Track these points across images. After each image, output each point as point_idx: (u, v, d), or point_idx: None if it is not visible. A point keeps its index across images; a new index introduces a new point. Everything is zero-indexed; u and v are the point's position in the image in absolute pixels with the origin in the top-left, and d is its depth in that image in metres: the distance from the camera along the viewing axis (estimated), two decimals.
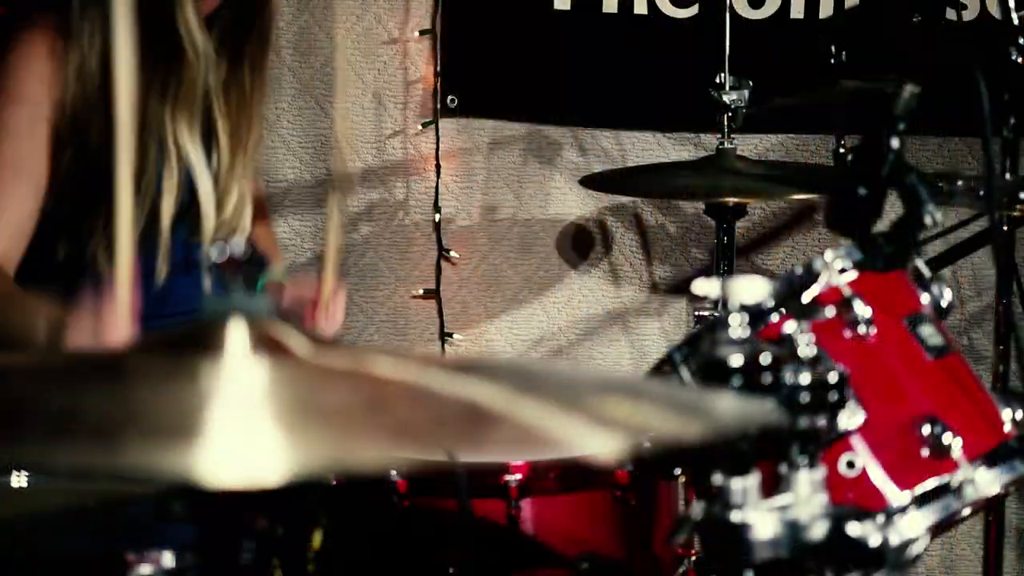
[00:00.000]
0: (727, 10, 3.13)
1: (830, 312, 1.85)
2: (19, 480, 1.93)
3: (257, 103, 2.66)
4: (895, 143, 1.90)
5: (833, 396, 1.69)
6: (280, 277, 2.83)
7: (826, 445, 1.74)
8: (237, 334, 1.36)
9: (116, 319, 2.20)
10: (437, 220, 3.53)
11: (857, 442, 1.83)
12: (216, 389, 1.30)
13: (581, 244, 3.62)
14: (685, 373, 1.87)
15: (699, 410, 1.44)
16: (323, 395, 1.32)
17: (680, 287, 3.62)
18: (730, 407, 1.52)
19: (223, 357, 1.34)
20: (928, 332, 1.91)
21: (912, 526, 1.80)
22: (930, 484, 1.83)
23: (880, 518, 1.79)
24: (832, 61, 3.04)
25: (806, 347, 1.73)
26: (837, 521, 1.65)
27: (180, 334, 1.42)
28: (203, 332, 1.37)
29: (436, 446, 1.24)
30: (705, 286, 1.73)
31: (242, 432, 1.22)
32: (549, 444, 1.27)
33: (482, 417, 1.30)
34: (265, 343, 1.36)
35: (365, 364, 1.38)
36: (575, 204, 3.59)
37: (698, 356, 1.75)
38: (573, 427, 1.29)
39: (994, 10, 3.44)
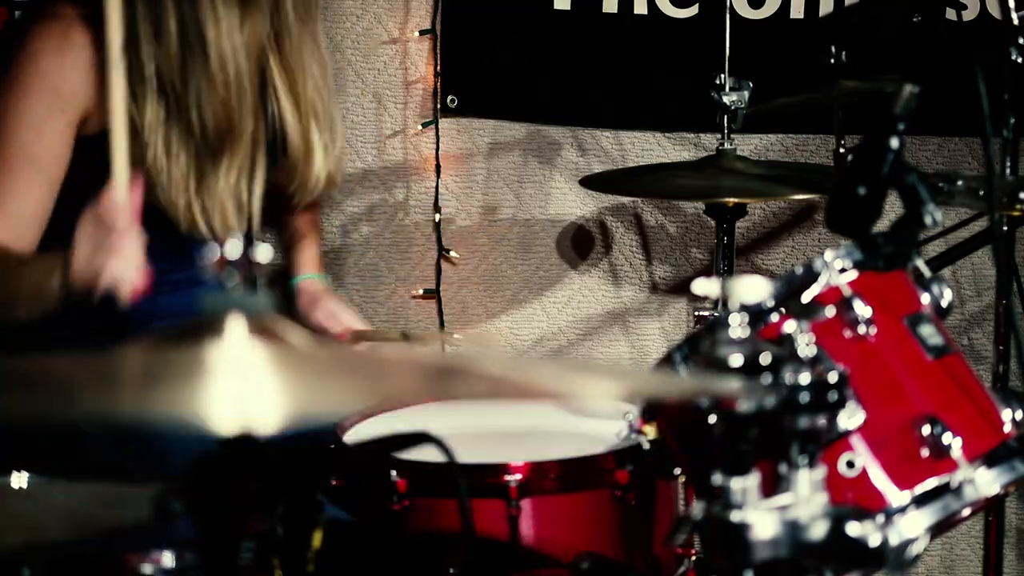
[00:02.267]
0: (727, 10, 3.12)
1: (830, 312, 1.85)
2: (19, 480, 1.93)
3: (310, 60, 2.67)
4: (895, 143, 1.90)
5: (833, 396, 1.69)
6: (315, 278, 2.93)
7: (826, 445, 1.75)
8: (236, 327, 1.38)
9: (119, 217, 2.24)
10: (437, 220, 3.53)
11: (857, 442, 1.83)
12: (218, 362, 1.36)
13: (581, 244, 3.62)
14: (685, 373, 1.87)
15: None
16: (310, 362, 1.36)
17: (680, 287, 3.62)
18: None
19: (224, 342, 1.37)
20: (928, 332, 1.91)
21: (912, 526, 1.80)
22: (930, 484, 1.83)
23: (880, 518, 1.79)
24: (832, 61, 3.04)
25: (806, 347, 1.73)
26: (837, 521, 1.65)
27: (181, 330, 1.43)
28: (204, 326, 1.39)
29: (412, 392, 1.31)
30: (705, 286, 1.74)
31: (240, 389, 1.31)
32: (526, 392, 1.30)
33: (459, 371, 1.33)
34: (263, 336, 1.37)
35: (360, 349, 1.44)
36: (575, 204, 3.59)
37: (698, 356, 1.75)
38: (553, 377, 1.32)
39: (994, 10, 3.44)
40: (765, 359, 1.63)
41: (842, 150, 3.11)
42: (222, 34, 2.47)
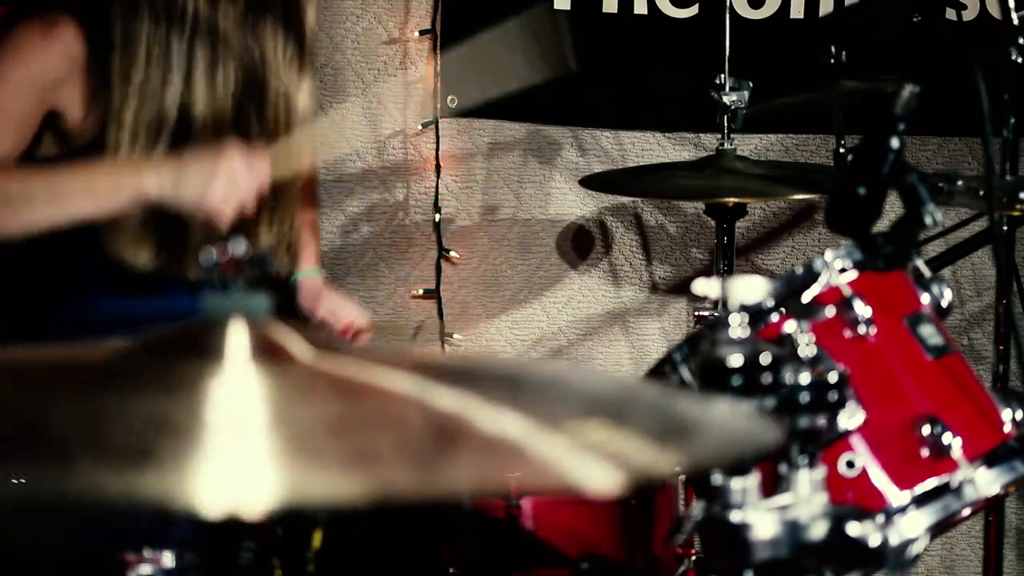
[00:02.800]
0: (727, 10, 3.12)
1: (830, 312, 1.85)
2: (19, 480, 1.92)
3: None
4: (895, 143, 1.90)
5: (833, 396, 1.69)
6: (316, 273, 2.93)
7: (826, 445, 1.74)
8: (236, 336, 1.34)
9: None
10: (437, 220, 3.53)
11: (857, 442, 1.83)
12: (208, 410, 1.26)
13: (581, 244, 3.62)
14: (685, 373, 1.87)
15: (687, 434, 1.36)
16: (308, 411, 1.28)
17: (680, 287, 3.62)
18: (722, 430, 1.44)
19: (221, 364, 1.31)
20: (928, 332, 1.91)
21: (912, 526, 1.80)
22: (930, 484, 1.83)
23: (880, 518, 1.79)
24: (832, 61, 3.04)
25: (806, 347, 1.73)
26: (837, 521, 1.65)
27: (179, 335, 1.40)
28: (202, 333, 1.35)
29: (403, 471, 1.19)
30: (705, 286, 1.73)
31: (224, 460, 1.19)
32: (526, 471, 1.21)
33: (454, 436, 1.24)
34: (264, 345, 1.35)
35: (354, 371, 1.35)
36: (575, 204, 3.59)
37: (698, 356, 1.75)
38: (550, 453, 1.23)
39: (994, 10, 3.44)
40: (765, 359, 1.63)
41: (842, 150, 3.11)
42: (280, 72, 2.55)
